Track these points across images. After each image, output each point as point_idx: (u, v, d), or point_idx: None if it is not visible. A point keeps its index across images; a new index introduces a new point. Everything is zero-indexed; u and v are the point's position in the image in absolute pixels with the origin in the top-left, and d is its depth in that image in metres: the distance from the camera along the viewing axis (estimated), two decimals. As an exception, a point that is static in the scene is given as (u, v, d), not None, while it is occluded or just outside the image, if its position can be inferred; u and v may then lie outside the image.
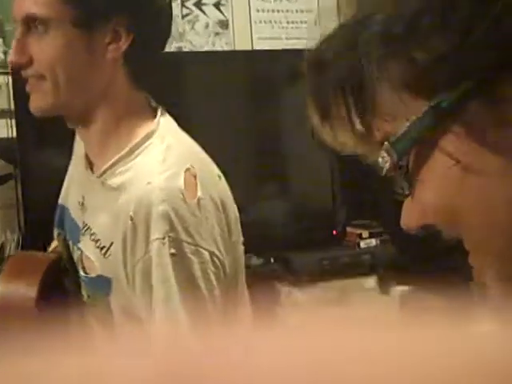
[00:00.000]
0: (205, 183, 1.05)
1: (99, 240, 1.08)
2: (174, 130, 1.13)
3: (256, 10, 3.06)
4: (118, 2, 1.06)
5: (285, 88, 2.88)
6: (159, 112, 1.13)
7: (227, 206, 1.09)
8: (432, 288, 2.56)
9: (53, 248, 1.28)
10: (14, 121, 2.42)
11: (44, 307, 1.10)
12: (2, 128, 2.62)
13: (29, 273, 1.13)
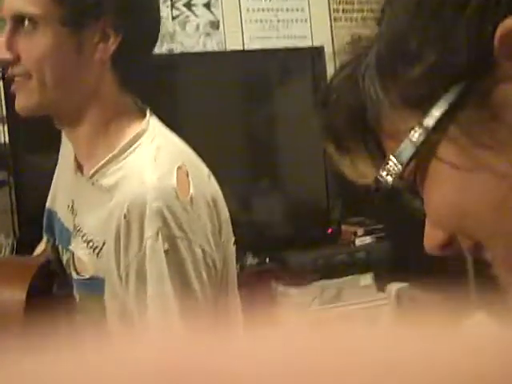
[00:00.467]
0: (196, 182, 1.06)
1: (91, 241, 1.08)
2: (163, 131, 1.13)
3: (246, 10, 3.06)
4: (107, 2, 1.06)
5: (277, 87, 2.88)
6: (148, 113, 1.13)
7: (218, 205, 1.09)
8: (428, 285, 2.57)
9: (40, 251, 1.28)
10: (6, 126, 2.41)
11: (32, 311, 1.10)
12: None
13: (17, 277, 1.13)
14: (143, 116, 1.12)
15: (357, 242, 2.62)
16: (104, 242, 1.05)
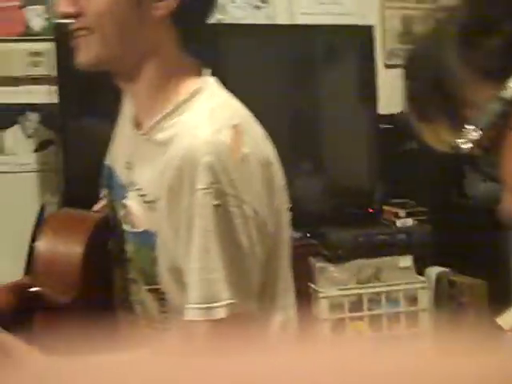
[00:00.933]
0: (251, 142, 1.06)
1: (146, 195, 1.09)
2: (221, 91, 1.13)
3: (298, -15, 3.04)
4: None
5: (324, 64, 2.86)
6: (207, 72, 1.14)
7: (273, 168, 1.09)
8: (468, 271, 2.56)
9: (99, 207, 1.29)
10: (57, 87, 2.43)
11: (88, 265, 1.11)
12: (44, 94, 2.65)
13: (77, 230, 1.14)
14: (201, 75, 1.13)
15: (398, 224, 2.60)
16: (158, 196, 1.06)
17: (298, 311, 1.17)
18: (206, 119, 1.05)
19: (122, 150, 1.21)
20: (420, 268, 2.55)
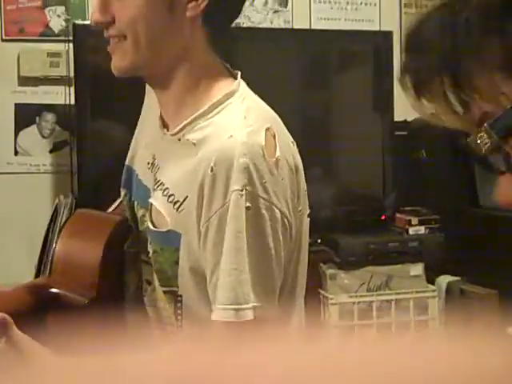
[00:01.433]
0: (282, 146, 1.07)
1: (172, 195, 1.09)
2: (252, 94, 1.14)
3: (316, -10, 3.04)
4: None
5: (339, 69, 2.85)
6: (239, 74, 1.14)
7: (299, 173, 1.10)
8: (479, 280, 2.54)
9: (115, 206, 1.30)
10: (73, 88, 2.45)
11: (106, 266, 1.12)
12: (60, 95, 2.67)
13: (96, 232, 1.15)
14: (232, 77, 1.14)
15: (410, 231, 2.59)
16: (186, 197, 1.06)
17: (308, 317, 1.17)
18: (241, 121, 1.06)
19: (145, 150, 1.22)
20: (431, 276, 2.54)
